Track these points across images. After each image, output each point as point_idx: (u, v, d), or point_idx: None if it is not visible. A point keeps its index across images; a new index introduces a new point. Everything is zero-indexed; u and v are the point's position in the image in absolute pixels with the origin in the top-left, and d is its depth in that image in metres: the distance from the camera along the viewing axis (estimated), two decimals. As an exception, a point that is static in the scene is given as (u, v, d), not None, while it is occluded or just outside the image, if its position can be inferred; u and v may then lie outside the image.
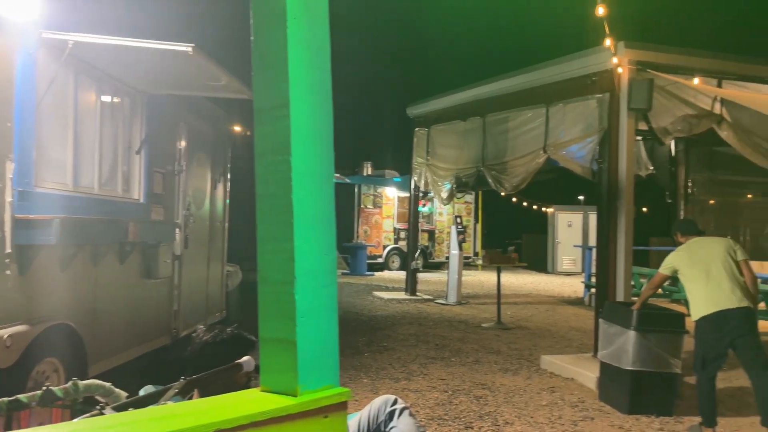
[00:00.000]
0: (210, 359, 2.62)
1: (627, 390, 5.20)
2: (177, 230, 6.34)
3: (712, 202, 14.25)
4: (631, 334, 5.16)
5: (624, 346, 5.24)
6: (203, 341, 2.80)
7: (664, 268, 5.09)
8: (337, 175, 17.13)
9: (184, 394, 2.36)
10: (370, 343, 7.76)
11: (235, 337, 2.80)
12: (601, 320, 5.79)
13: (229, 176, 8.20)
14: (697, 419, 4.92)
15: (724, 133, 6.84)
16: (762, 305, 9.50)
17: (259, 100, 1.53)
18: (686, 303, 12.21)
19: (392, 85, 32.98)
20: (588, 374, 6.06)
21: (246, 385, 2.51)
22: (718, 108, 6.80)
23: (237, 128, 8.29)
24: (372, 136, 32.51)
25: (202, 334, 2.85)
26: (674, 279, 12.81)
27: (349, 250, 17.39)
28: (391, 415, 2.73)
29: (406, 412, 2.74)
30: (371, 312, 10.36)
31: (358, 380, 5.97)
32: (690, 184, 13.67)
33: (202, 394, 2.35)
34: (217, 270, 7.78)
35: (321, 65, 1.55)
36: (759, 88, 6.86)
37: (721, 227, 14.35)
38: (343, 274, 16.82)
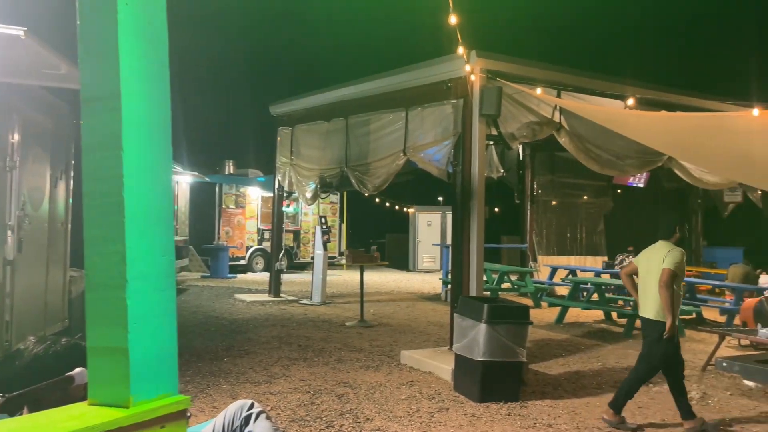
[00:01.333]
0: (42, 373, 2.39)
1: (478, 380, 5.51)
2: (9, 233, 5.72)
3: (554, 202, 15.55)
4: (482, 327, 5.48)
5: (476, 338, 5.55)
6: (33, 354, 2.56)
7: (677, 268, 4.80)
8: (196, 173, 16.42)
9: (11, 411, 2.14)
10: (230, 347, 7.53)
11: (70, 348, 2.58)
12: (455, 314, 6.07)
13: (72, 174, 7.55)
14: (540, 402, 5.36)
15: (563, 140, 7.50)
16: (595, 296, 10.56)
17: (86, 90, 1.41)
18: (533, 296, 13.08)
19: (255, 83, 32.29)
20: (444, 367, 6.33)
21: (84, 399, 2.33)
22: (557, 116, 7.43)
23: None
24: (234, 134, 31.60)
25: (33, 346, 2.60)
26: (522, 273, 13.74)
27: (210, 252, 16.75)
28: (247, 419, 2.66)
29: (263, 415, 2.69)
30: (232, 315, 10.05)
31: (217, 386, 5.76)
32: (535, 186, 14.83)
33: (32, 410, 2.14)
34: (57, 276, 7.12)
35: (157, 55, 1.47)
36: (591, 99, 7.61)
37: (561, 226, 15.70)
38: (203, 277, 16.17)
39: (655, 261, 4.91)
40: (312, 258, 14.77)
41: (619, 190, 17.55)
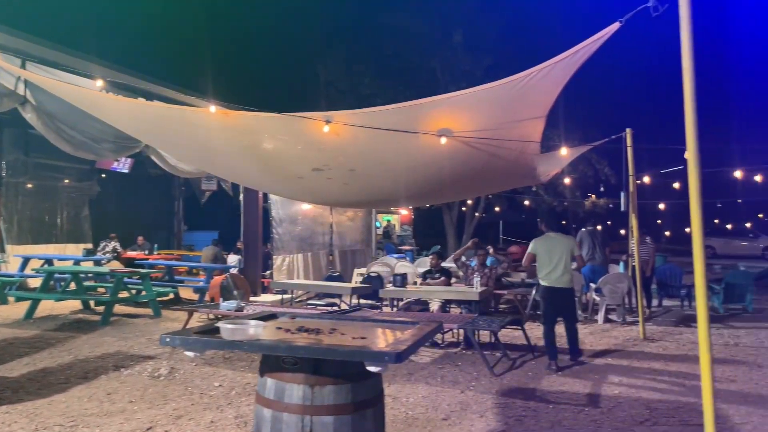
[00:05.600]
0: None
1: None
2: None
3: (29, 185, 13.95)
4: None
5: None
6: None
7: (533, 249, 6.95)
8: None
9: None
10: None
11: None
12: None
13: None
14: None
15: (29, 115, 6.76)
16: (73, 286, 9.98)
17: None
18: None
19: None
20: None
21: None
22: (22, 89, 6.63)
23: None
24: None
25: None
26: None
27: None
28: None
29: None
30: None
31: None
32: (4, 166, 12.98)
33: None
34: None
35: None
36: (66, 76, 7.07)
37: (38, 211, 14.24)
38: None
39: (564, 248, 6.84)
40: None
41: (103, 175, 17.07)
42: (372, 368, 2.68)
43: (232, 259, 13.45)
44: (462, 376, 6.26)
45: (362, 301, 9.50)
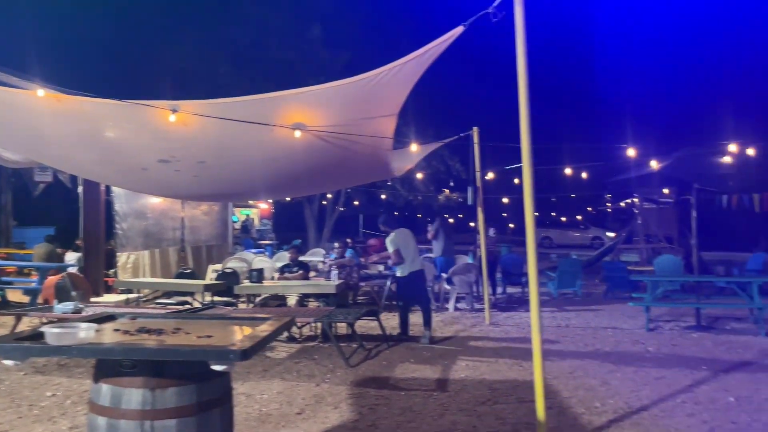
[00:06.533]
0: None
1: None
2: None
3: None
4: None
5: None
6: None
7: (394, 245, 7.83)
8: None
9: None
10: None
11: None
12: None
13: None
14: None
15: None
16: None
17: None
18: None
19: None
20: None
21: None
22: None
23: None
24: None
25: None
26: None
27: None
28: None
29: None
30: None
31: None
32: None
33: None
34: None
35: None
36: None
37: None
38: None
39: (412, 238, 8.09)
40: None
41: None
42: (217, 367, 2.59)
43: (71, 257, 12.32)
44: (318, 369, 6.28)
45: (217, 298, 9.18)
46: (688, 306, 9.53)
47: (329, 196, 22.33)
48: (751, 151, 10.27)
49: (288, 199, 21.72)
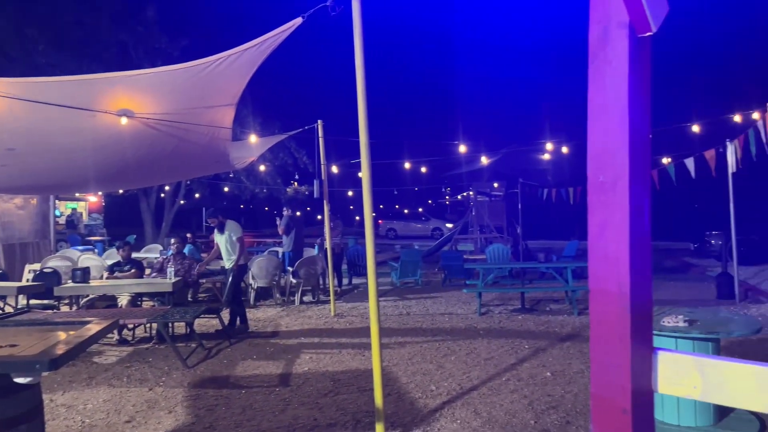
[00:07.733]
0: None
1: None
2: None
3: None
4: None
5: None
6: None
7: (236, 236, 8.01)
8: None
9: None
10: None
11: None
12: None
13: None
14: None
15: None
16: None
17: None
18: None
19: None
20: None
21: None
22: None
23: None
24: None
25: None
26: None
27: None
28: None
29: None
30: None
31: None
32: None
33: None
34: None
35: None
36: None
37: None
38: None
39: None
40: None
41: None
42: (20, 380, 2.31)
43: None
44: (152, 372, 5.91)
45: (34, 301, 8.26)
46: (514, 291, 10.39)
47: (167, 188, 21.10)
48: (565, 149, 11.41)
49: (120, 191, 20.18)
